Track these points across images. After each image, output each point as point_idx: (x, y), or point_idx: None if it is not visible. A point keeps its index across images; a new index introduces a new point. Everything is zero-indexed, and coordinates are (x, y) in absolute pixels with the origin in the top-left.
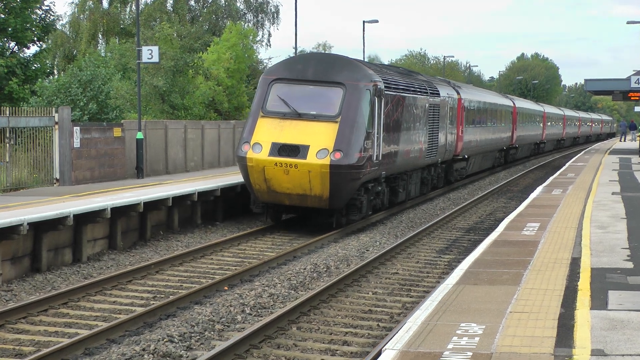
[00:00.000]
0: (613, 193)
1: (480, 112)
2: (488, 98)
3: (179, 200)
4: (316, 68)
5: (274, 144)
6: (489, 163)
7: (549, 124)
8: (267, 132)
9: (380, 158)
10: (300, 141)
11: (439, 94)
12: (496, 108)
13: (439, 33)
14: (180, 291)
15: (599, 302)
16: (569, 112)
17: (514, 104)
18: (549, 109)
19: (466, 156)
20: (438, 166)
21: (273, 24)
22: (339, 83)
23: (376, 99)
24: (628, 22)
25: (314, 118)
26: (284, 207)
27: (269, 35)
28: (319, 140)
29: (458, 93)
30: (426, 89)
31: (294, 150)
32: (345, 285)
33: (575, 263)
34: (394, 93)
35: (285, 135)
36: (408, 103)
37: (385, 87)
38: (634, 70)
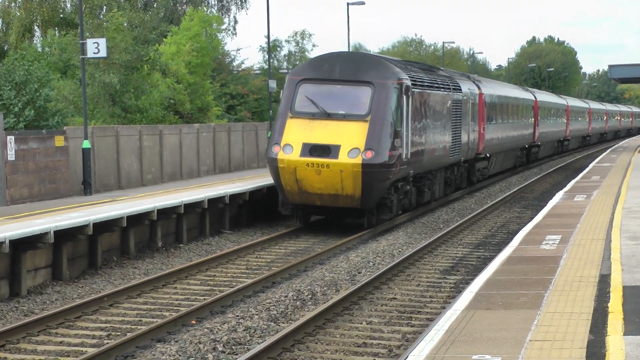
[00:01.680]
0: None
1: (502, 107)
2: (509, 92)
3: (136, 219)
4: (343, 67)
5: (304, 145)
6: (510, 163)
7: (572, 118)
8: (297, 132)
9: (409, 157)
10: (331, 141)
11: (460, 89)
12: (517, 103)
13: (436, 16)
14: (139, 327)
15: (633, 326)
16: (594, 105)
17: (535, 97)
18: (573, 101)
19: (488, 155)
20: (461, 165)
21: (241, 8)
22: (367, 82)
23: (404, 97)
24: None
25: (344, 118)
26: (313, 209)
27: (235, 21)
28: (349, 139)
29: (479, 88)
30: (449, 85)
31: (325, 151)
32: (335, 315)
33: (604, 281)
34: (420, 90)
35: (316, 135)
36: (433, 100)
37: (412, 84)
38: None
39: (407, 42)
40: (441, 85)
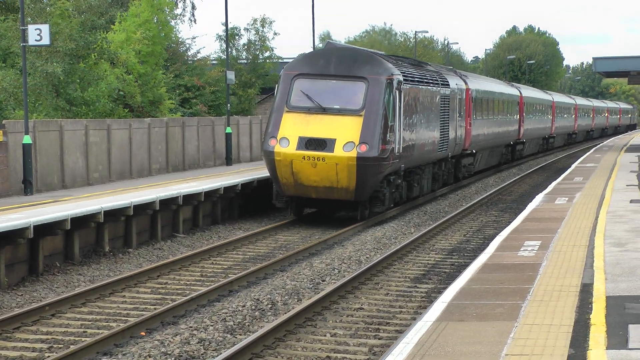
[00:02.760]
0: (632, 201)
1: (488, 103)
2: (495, 87)
3: (81, 222)
4: (338, 63)
5: (301, 138)
6: (495, 160)
7: (558, 115)
8: (293, 126)
9: (401, 151)
10: (327, 135)
11: (448, 84)
12: (503, 98)
13: (408, 4)
14: (83, 339)
15: (617, 339)
16: (581, 101)
17: (520, 93)
18: (558, 97)
19: (474, 151)
20: (448, 161)
21: None
22: (361, 77)
23: (396, 92)
24: None
25: (339, 112)
26: (307, 201)
27: (193, 7)
28: (344, 133)
29: (466, 83)
30: (437, 80)
31: (321, 144)
32: (297, 326)
33: (586, 290)
34: (411, 86)
35: (312, 129)
36: (423, 95)
37: (403, 80)
38: None
39: (376, 31)
40: (430, 81)
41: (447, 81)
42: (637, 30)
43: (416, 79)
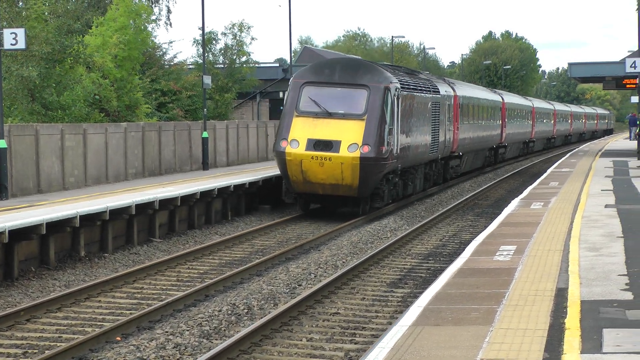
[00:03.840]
0: (607, 206)
1: (474, 109)
2: (480, 94)
3: (56, 226)
4: (342, 72)
5: (309, 140)
6: (480, 162)
7: (538, 120)
8: (302, 129)
9: (398, 152)
10: (333, 137)
11: (439, 91)
12: (487, 104)
13: (384, 8)
14: (58, 344)
15: (591, 344)
16: (559, 107)
17: (502, 99)
18: (538, 103)
19: (461, 153)
20: (438, 162)
21: None
22: (363, 85)
23: (395, 98)
24: None
25: (343, 116)
26: (313, 197)
27: (168, 11)
28: (349, 136)
29: (454, 90)
30: (429, 88)
31: (328, 145)
32: (273, 331)
33: (561, 295)
34: (407, 93)
35: (319, 132)
36: (417, 101)
37: (401, 87)
38: (628, 52)
39: (353, 35)
40: (423, 88)
41: (438, 88)
42: (613, 36)
43: (411, 87)
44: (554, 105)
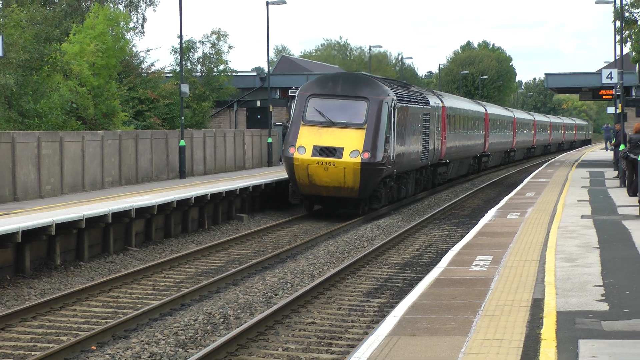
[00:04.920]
0: (582, 216)
1: (460, 119)
2: (465, 105)
3: (32, 234)
4: (344, 85)
5: (315, 147)
6: (464, 169)
7: (519, 130)
8: (309, 137)
9: (395, 158)
10: (336, 144)
11: (429, 103)
12: (472, 115)
13: (362, 17)
14: (33, 353)
15: (567, 354)
16: (539, 117)
17: (486, 110)
18: (519, 114)
19: (448, 161)
20: (428, 168)
21: (150, 5)
22: (363, 97)
23: (391, 109)
24: (597, 2)
25: (345, 126)
26: (317, 199)
27: (144, 19)
28: (350, 143)
29: (442, 102)
30: (420, 99)
31: (332, 152)
32: (249, 340)
33: (537, 305)
34: (402, 104)
35: (324, 139)
36: (410, 112)
37: (396, 99)
38: (605, 62)
39: (331, 45)
40: (416, 100)
41: (428, 100)
42: (588, 46)
43: (405, 99)
44: (534, 116)
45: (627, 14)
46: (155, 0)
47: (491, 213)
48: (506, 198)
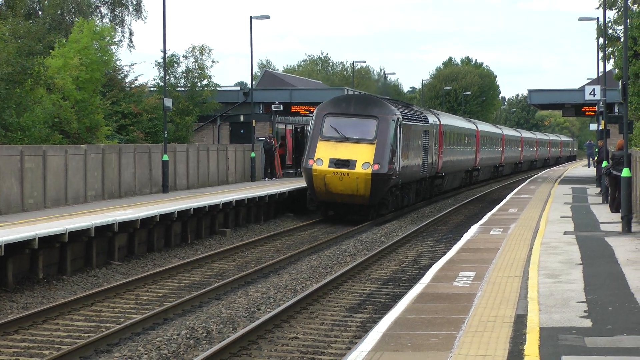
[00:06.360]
0: (565, 232)
1: (454, 136)
2: (459, 123)
3: (14, 248)
4: (356, 105)
5: (331, 159)
6: (458, 182)
7: (507, 146)
8: (325, 151)
9: (400, 170)
10: (350, 157)
11: (428, 121)
12: (465, 132)
13: (346, 32)
14: None
15: None
16: (526, 134)
17: (477, 127)
18: (507, 131)
19: (444, 174)
20: (427, 180)
21: (137, 19)
22: (373, 116)
23: (397, 127)
24: (580, 19)
25: (358, 141)
26: (332, 206)
27: (131, 33)
28: (362, 156)
29: (439, 120)
30: (421, 118)
31: (346, 163)
32: (231, 355)
33: (520, 321)
34: (406, 122)
35: (339, 153)
36: (413, 129)
37: (402, 117)
38: (588, 79)
39: (314, 60)
40: (417, 118)
41: (427, 118)
42: (571, 63)
43: (409, 117)
44: (522, 133)
45: (610, 31)
46: (141, 14)
47: (474, 229)
48: (489, 214)
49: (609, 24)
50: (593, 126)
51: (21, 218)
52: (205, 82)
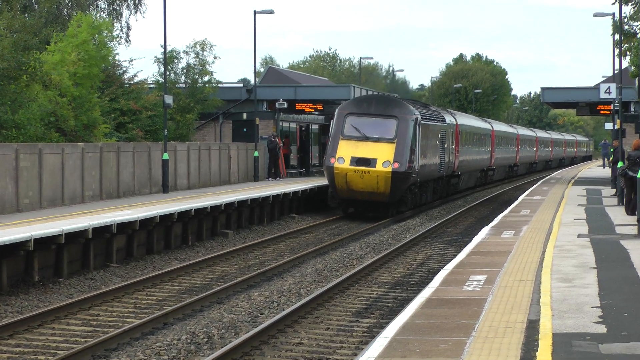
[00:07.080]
0: (579, 235)
1: (470, 135)
2: (475, 123)
3: (9, 250)
4: (377, 105)
5: (352, 157)
6: (473, 182)
7: (522, 146)
8: (347, 149)
9: (418, 168)
10: (370, 155)
11: (445, 121)
12: (481, 132)
13: (351, 29)
14: None
15: None
16: (541, 134)
17: (492, 127)
18: (522, 130)
19: (459, 173)
20: (443, 179)
21: (135, 12)
22: (393, 116)
23: (417, 126)
24: (595, 15)
25: (378, 140)
26: (353, 203)
27: (129, 28)
28: (382, 155)
29: (455, 120)
30: (438, 117)
31: (367, 162)
32: None
33: (532, 327)
34: (424, 122)
35: (360, 151)
36: (431, 129)
37: (420, 117)
38: (603, 77)
39: (320, 56)
40: (435, 118)
41: (444, 118)
42: (585, 60)
43: (427, 117)
44: (536, 133)
45: (626, 27)
46: (140, 8)
47: (485, 231)
48: (500, 216)
49: (625, 20)
50: (608, 125)
51: (16, 219)
52: (206, 78)
